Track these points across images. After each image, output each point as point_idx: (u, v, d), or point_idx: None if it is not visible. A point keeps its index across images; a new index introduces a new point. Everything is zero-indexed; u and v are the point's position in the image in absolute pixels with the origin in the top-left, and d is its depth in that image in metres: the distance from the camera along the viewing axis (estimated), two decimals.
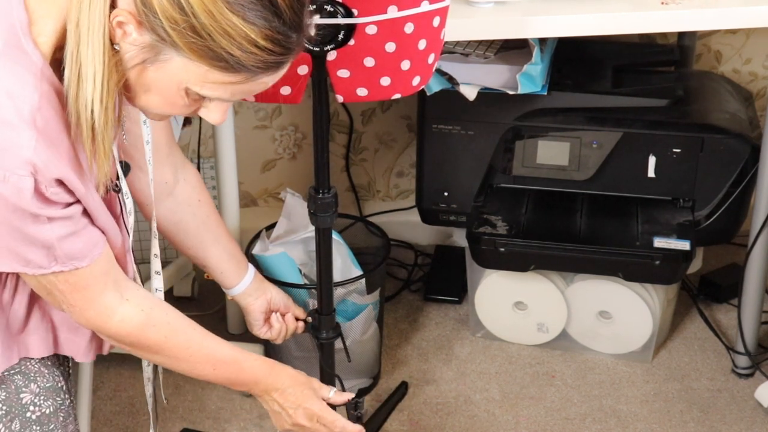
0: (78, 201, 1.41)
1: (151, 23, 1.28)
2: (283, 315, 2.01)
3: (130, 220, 1.61)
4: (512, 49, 2.43)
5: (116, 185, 1.55)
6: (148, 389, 1.85)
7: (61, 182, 1.36)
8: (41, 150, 1.31)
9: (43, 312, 1.59)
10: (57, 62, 1.34)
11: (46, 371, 1.61)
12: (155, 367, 1.84)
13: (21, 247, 1.38)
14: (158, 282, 1.76)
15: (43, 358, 1.61)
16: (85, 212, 1.43)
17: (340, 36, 1.69)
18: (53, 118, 1.33)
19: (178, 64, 1.31)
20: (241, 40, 1.28)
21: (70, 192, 1.38)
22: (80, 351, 1.64)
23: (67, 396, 1.64)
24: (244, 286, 1.95)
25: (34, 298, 1.58)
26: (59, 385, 1.62)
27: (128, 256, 1.61)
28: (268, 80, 1.36)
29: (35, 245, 1.38)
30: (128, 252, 1.61)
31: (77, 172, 1.38)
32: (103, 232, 1.49)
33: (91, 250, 1.45)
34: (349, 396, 1.80)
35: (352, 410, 1.90)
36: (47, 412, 1.60)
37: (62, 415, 1.62)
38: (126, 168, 1.57)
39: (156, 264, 1.76)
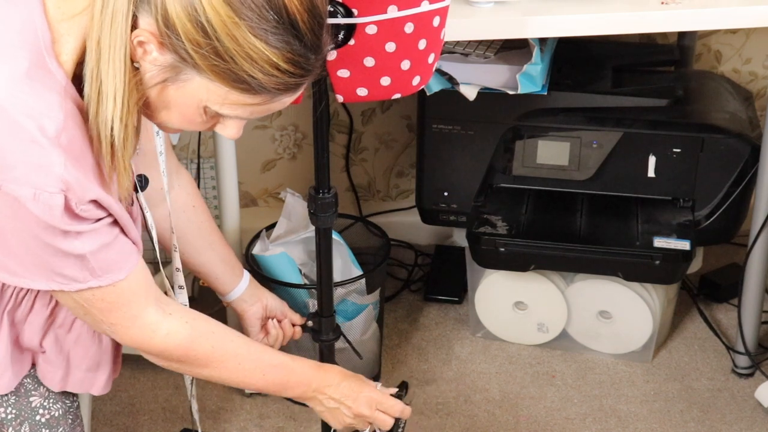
0: (109, 214, 1.39)
1: (174, 45, 1.27)
2: (279, 321, 2.00)
3: (153, 234, 1.61)
4: (512, 49, 2.43)
5: (134, 199, 1.54)
6: (194, 405, 1.86)
7: (94, 201, 1.35)
8: (70, 168, 1.30)
9: (59, 348, 1.57)
10: (78, 78, 1.34)
11: None
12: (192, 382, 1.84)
13: (55, 263, 1.36)
14: (183, 297, 1.75)
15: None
16: (116, 223, 1.42)
17: (340, 36, 1.69)
18: (77, 135, 1.33)
19: (198, 84, 1.31)
20: (263, 63, 1.28)
21: (103, 208, 1.37)
22: (100, 385, 1.63)
23: (75, 398, 1.64)
24: (239, 292, 1.94)
25: (50, 326, 1.55)
26: None
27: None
28: (287, 100, 1.36)
29: (68, 260, 1.37)
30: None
31: (105, 189, 1.37)
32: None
33: (126, 261, 1.43)
34: (393, 390, 1.78)
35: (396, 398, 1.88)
36: (56, 415, 1.60)
37: (71, 417, 1.62)
38: (145, 182, 1.55)
39: (179, 278, 1.75)
